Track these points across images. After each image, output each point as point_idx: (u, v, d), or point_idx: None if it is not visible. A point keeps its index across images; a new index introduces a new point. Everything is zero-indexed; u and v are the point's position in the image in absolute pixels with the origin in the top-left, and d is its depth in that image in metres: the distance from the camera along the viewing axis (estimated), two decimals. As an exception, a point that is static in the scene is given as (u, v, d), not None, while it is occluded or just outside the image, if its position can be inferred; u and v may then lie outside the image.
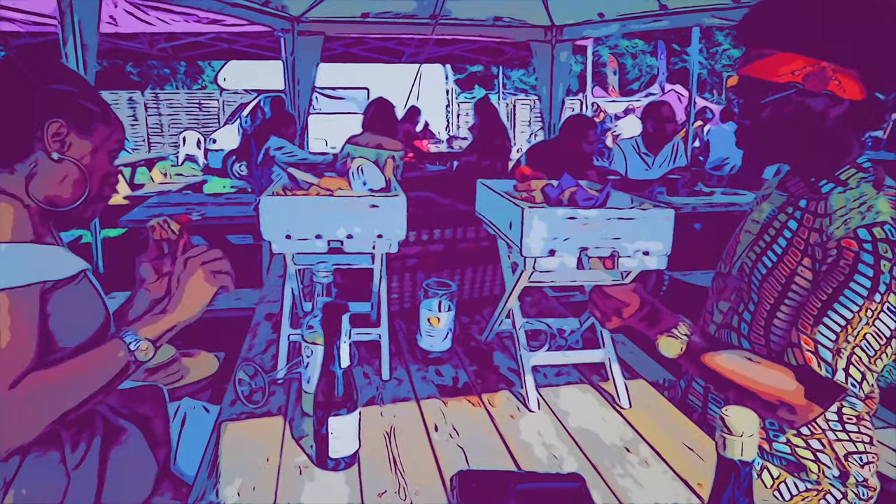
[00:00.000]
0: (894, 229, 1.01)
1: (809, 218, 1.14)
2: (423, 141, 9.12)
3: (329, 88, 11.72)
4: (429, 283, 1.38)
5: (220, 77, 13.69)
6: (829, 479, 1.19)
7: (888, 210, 1.04)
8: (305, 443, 1.06)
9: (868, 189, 1.09)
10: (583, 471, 1.00)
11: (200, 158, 13.47)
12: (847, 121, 1.11)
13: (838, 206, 1.10)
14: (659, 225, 1.09)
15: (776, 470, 1.23)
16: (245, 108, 12.67)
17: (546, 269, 1.07)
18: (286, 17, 5.09)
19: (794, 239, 1.15)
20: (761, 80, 1.12)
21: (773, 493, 1.21)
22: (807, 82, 1.07)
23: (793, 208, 1.19)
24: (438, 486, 0.97)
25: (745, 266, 1.25)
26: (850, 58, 1.05)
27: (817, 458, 1.20)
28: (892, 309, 1.01)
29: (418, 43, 7.08)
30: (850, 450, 1.20)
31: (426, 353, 1.41)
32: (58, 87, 1.14)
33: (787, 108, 1.11)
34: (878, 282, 1.00)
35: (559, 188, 1.22)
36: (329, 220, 1.15)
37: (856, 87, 1.07)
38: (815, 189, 1.17)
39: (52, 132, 1.12)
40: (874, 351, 1.02)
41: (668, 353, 1.12)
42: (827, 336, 1.03)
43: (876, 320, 1.01)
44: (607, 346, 1.28)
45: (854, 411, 1.20)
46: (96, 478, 1.14)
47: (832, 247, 1.06)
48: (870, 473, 1.21)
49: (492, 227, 1.29)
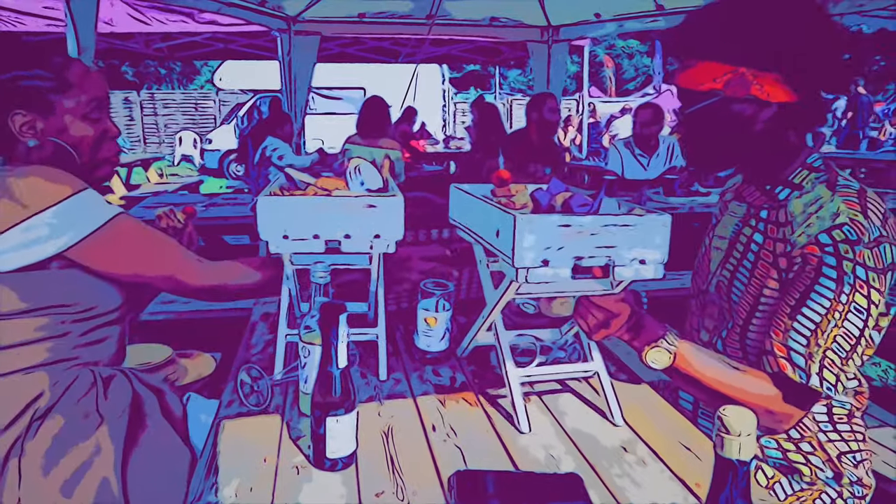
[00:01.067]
0: (853, 229, 1.02)
1: (773, 228, 1.16)
2: (419, 141, 9.12)
3: (326, 88, 11.70)
4: (426, 283, 1.38)
5: (216, 77, 13.66)
6: (823, 480, 1.20)
7: (846, 210, 1.05)
8: (303, 443, 1.06)
9: (823, 191, 1.10)
10: (580, 471, 1.00)
11: (196, 158, 13.45)
12: (783, 123, 1.12)
13: (797, 211, 1.11)
14: (656, 232, 1.03)
15: (770, 470, 1.23)
16: (241, 108, 12.65)
17: (539, 280, 1.00)
18: (282, 17, 5.09)
19: (762, 252, 1.17)
20: (687, 89, 1.15)
21: (769, 493, 1.21)
22: (728, 89, 1.09)
23: (755, 220, 1.20)
24: (436, 486, 0.96)
25: (722, 284, 1.26)
26: (767, 62, 1.07)
27: (809, 461, 1.20)
28: (859, 308, 1.02)
29: (415, 43, 7.07)
30: (842, 450, 1.20)
31: (423, 354, 1.40)
32: (10, 77, 1.14)
33: (714, 115, 1.13)
34: (842, 283, 1.02)
35: (549, 193, 1.16)
36: (326, 220, 1.15)
37: (780, 89, 1.08)
38: (772, 196, 1.18)
39: (20, 124, 1.14)
40: (845, 352, 1.03)
41: (656, 366, 1.11)
42: (798, 342, 1.04)
43: (844, 321, 1.02)
44: (596, 359, 1.23)
45: (844, 410, 1.21)
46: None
47: (797, 254, 1.07)
48: (864, 472, 1.22)
49: (470, 234, 1.22)
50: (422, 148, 8.92)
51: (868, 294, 1.02)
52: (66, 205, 1.11)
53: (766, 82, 1.08)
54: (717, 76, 1.10)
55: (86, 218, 1.14)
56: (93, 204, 1.16)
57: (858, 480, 1.20)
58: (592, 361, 1.22)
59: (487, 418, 1.18)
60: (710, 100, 1.12)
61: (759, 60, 1.07)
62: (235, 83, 13.44)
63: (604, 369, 1.21)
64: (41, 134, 1.16)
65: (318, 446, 0.98)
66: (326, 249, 1.17)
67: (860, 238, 1.02)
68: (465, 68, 23.56)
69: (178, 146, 13.94)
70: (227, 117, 13.47)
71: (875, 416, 2.04)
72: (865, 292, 1.02)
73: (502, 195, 1.24)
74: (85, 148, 1.20)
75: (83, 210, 1.14)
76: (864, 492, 1.21)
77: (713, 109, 1.12)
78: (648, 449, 1.09)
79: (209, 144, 12.72)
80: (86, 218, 1.14)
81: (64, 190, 1.12)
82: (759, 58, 1.07)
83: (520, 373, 1.19)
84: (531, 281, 1.00)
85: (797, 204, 1.12)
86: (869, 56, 20.21)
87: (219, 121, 15.13)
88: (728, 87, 1.09)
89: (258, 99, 12.20)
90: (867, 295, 1.02)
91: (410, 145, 8.18)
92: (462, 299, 1.75)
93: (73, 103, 1.19)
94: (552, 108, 4.42)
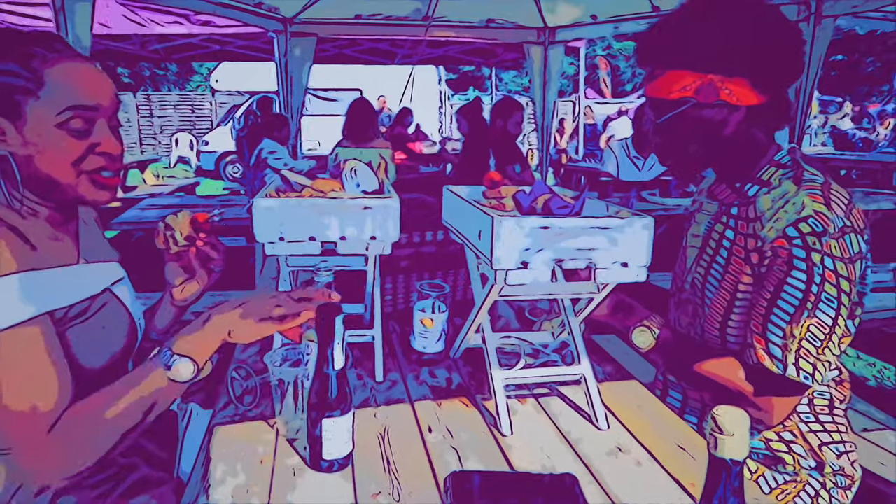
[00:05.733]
0: (818, 221, 1.06)
1: (743, 225, 1.19)
2: (416, 143, 9.12)
3: (322, 90, 11.70)
4: (422, 284, 1.38)
5: (212, 78, 13.65)
6: (806, 470, 1.22)
7: (810, 203, 1.08)
8: (299, 444, 1.06)
9: (789, 186, 1.14)
10: (576, 471, 1.00)
11: (193, 160, 13.42)
12: (752, 123, 1.16)
13: (766, 207, 1.14)
14: (637, 234, 1.03)
15: (753, 464, 1.25)
16: (238, 110, 12.64)
17: (518, 282, 1.00)
18: (278, 19, 5.09)
19: (734, 248, 1.20)
20: (659, 98, 1.17)
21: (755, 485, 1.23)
22: (698, 95, 1.13)
23: (727, 217, 1.24)
24: (432, 487, 0.97)
25: (697, 281, 1.29)
26: (734, 68, 1.10)
27: (791, 450, 1.23)
28: (829, 297, 1.06)
29: (411, 44, 7.08)
30: (824, 440, 1.23)
31: (420, 355, 1.41)
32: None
33: (686, 121, 1.16)
34: (812, 273, 1.05)
35: (531, 195, 1.15)
36: (322, 221, 1.15)
37: (748, 92, 1.12)
38: (741, 193, 1.21)
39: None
40: (819, 341, 1.07)
41: (641, 345, 1.22)
42: (775, 333, 1.08)
43: (816, 311, 1.06)
44: (583, 362, 1.21)
45: (824, 400, 1.23)
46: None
47: (767, 249, 1.10)
48: (847, 462, 1.23)
49: (459, 236, 1.22)
50: (418, 150, 8.92)
51: (837, 283, 1.05)
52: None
53: (734, 87, 1.11)
54: (687, 84, 1.13)
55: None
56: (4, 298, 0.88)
57: (841, 470, 1.22)
58: (580, 365, 1.22)
59: (483, 419, 1.18)
60: (681, 107, 1.14)
61: (726, 67, 1.10)
62: (232, 85, 13.43)
63: (591, 373, 1.21)
64: (9, 143, 0.94)
65: (314, 448, 0.98)
66: (322, 251, 1.17)
67: (826, 229, 1.05)
68: (459, 70, 23.59)
69: (174, 148, 13.92)
70: (224, 119, 13.46)
71: (876, 419, 2.04)
72: (834, 281, 1.05)
73: (493, 196, 1.25)
74: (60, 167, 0.96)
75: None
76: (847, 482, 1.23)
77: (685, 116, 1.15)
78: (643, 449, 1.09)
79: (205, 146, 12.70)
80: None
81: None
82: (727, 64, 1.10)
83: (504, 375, 1.19)
84: (510, 283, 1.00)
85: (765, 200, 1.15)
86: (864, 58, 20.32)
87: (215, 123, 15.10)
88: (699, 94, 1.12)
89: (254, 101, 12.19)
90: (836, 284, 1.05)
91: (406, 147, 8.18)
92: (458, 301, 1.75)
93: (48, 109, 0.94)
94: (517, 121, 4.44)
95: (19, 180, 0.97)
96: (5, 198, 0.97)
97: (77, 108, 0.96)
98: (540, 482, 0.96)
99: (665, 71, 1.15)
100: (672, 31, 1.14)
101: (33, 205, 1.02)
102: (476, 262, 1.24)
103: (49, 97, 0.94)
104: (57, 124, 0.95)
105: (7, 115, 0.93)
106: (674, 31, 1.14)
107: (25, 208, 1.00)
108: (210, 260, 1.24)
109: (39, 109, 0.94)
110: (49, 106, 0.94)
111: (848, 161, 9.02)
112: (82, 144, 0.97)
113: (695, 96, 1.12)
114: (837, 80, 20.60)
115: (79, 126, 0.96)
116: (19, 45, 0.95)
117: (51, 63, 0.95)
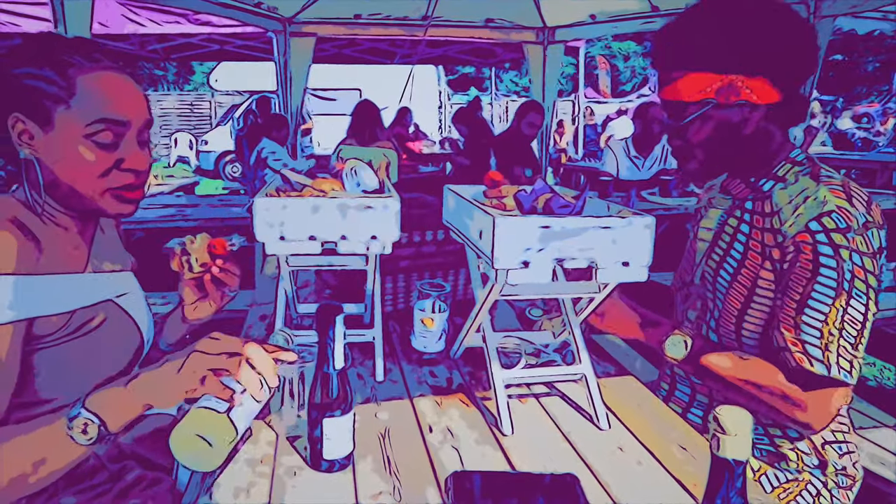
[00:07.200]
0: (841, 217, 1.06)
1: (759, 219, 1.19)
2: (415, 143, 9.12)
3: (321, 90, 11.69)
4: (422, 284, 1.38)
5: (211, 78, 13.64)
6: (809, 468, 1.22)
7: (832, 199, 1.08)
8: (299, 444, 1.06)
9: (807, 182, 1.14)
10: (577, 471, 1.00)
11: (192, 160, 13.41)
12: (770, 121, 1.16)
13: (783, 202, 1.14)
14: (639, 234, 1.02)
15: (756, 462, 1.25)
16: (237, 110, 12.63)
17: (518, 282, 0.99)
18: (278, 19, 5.08)
19: (750, 242, 1.19)
20: (679, 101, 1.16)
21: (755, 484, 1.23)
22: (720, 96, 1.12)
23: (741, 211, 1.23)
24: (433, 487, 0.96)
25: (707, 274, 1.28)
26: (755, 67, 1.10)
27: (795, 447, 1.23)
28: (859, 293, 1.05)
29: (410, 44, 7.08)
30: (827, 439, 1.23)
31: (420, 355, 1.40)
32: (18, 72, 0.93)
33: (709, 123, 1.15)
34: (842, 271, 1.05)
35: (532, 194, 1.14)
36: (323, 221, 1.15)
37: (769, 90, 1.12)
38: (756, 188, 1.21)
39: (18, 131, 0.94)
40: (853, 338, 1.06)
41: (675, 356, 1.19)
42: (811, 334, 1.07)
43: (849, 307, 1.05)
44: (584, 362, 1.22)
45: None
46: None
47: (789, 244, 1.10)
48: (849, 462, 1.23)
49: (460, 235, 1.21)
50: (418, 150, 8.92)
51: (865, 278, 1.05)
52: None
53: (755, 86, 1.11)
54: (708, 86, 1.12)
55: None
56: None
57: (843, 469, 1.23)
58: (580, 364, 1.22)
59: (484, 419, 1.18)
60: (702, 109, 1.14)
61: (747, 66, 1.10)
62: (231, 84, 13.42)
63: (591, 372, 1.21)
64: (36, 144, 0.94)
65: (314, 448, 0.98)
66: (323, 251, 1.16)
67: (849, 225, 1.05)
68: (458, 70, 23.58)
69: (173, 148, 13.91)
70: (223, 119, 13.45)
71: (876, 419, 2.04)
72: (863, 277, 1.05)
73: (493, 196, 1.24)
74: (84, 179, 0.95)
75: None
76: (849, 482, 1.23)
77: (707, 118, 1.15)
78: (645, 449, 1.09)
79: (205, 146, 12.69)
80: None
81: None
82: (748, 63, 1.10)
83: (504, 374, 1.19)
84: (511, 282, 0.99)
85: (782, 195, 1.15)
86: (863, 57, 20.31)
87: (214, 122, 15.10)
88: (720, 95, 1.12)
89: (254, 100, 12.19)
90: (864, 279, 1.05)
91: (406, 147, 8.18)
92: (458, 300, 1.75)
93: (78, 119, 0.93)
94: (531, 122, 4.68)
95: (42, 186, 0.97)
96: (29, 201, 0.97)
97: (107, 121, 0.95)
98: (541, 482, 0.96)
99: (685, 73, 1.14)
100: (690, 34, 1.13)
101: (53, 211, 1.01)
102: (476, 261, 1.24)
103: (80, 107, 0.93)
104: (85, 135, 0.94)
105: (37, 119, 0.93)
106: (692, 33, 1.13)
107: (45, 214, 0.99)
108: (225, 285, 1.20)
109: (69, 118, 0.93)
110: (79, 116, 0.93)
111: (848, 161, 9.02)
112: (109, 158, 0.96)
113: (716, 97, 1.12)
114: (836, 81, 20.61)
115: (107, 140, 0.95)
116: (58, 52, 0.94)
117: (86, 71, 0.94)
